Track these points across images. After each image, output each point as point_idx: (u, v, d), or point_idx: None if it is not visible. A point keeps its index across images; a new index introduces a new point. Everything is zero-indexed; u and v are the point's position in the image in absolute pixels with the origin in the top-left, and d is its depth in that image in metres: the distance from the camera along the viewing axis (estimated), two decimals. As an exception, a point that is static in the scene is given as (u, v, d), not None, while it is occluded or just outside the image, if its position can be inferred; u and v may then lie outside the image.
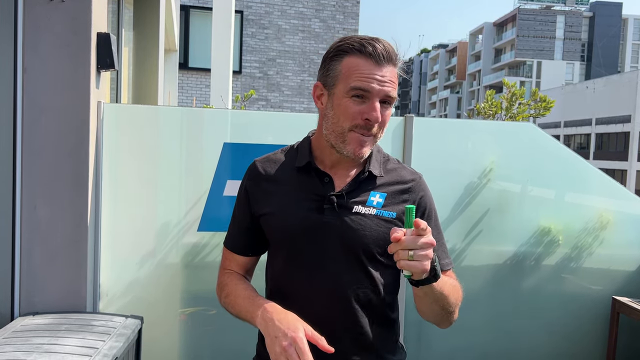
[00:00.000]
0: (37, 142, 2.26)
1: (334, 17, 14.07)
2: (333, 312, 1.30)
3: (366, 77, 1.24)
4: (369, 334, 1.34)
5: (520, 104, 5.54)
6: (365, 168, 1.34)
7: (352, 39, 1.28)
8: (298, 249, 1.32)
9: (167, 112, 2.95)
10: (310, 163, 1.34)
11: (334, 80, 1.28)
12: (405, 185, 1.36)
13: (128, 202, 2.62)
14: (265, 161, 1.41)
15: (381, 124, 1.28)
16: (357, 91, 1.24)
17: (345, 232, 1.29)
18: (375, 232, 1.30)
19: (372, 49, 1.24)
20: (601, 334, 3.01)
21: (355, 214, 1.30)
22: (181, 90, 11.69)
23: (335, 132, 1.28)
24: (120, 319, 2.26)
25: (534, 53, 65.51)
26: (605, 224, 3.00)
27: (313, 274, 1.31)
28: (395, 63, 1.28)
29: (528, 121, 5.42)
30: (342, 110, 1.26)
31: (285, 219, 1.33)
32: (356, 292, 1.31)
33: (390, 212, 1.32)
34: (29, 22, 2.23)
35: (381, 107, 1.26)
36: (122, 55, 3.93)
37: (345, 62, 1.26)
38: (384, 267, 1.34)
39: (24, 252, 2.28)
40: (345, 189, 1.31)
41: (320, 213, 1.30)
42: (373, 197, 1.32)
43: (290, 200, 1.33)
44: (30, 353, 1.85)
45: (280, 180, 1.36)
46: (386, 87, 1.25)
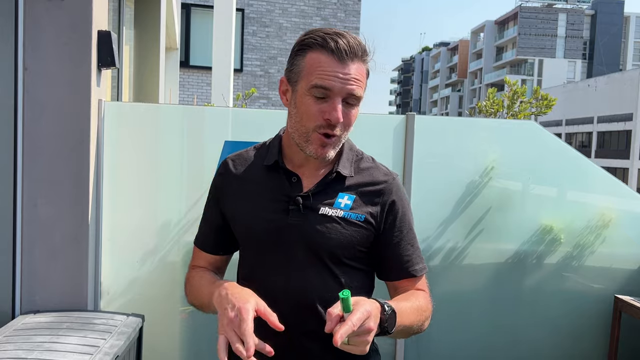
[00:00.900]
0: (38, 141, 2.26)
1: (335, 15, 14.06)
2: (299, 316, 1.25)
3: (328, 75, 1.17)
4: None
5: (522, 102, 5.53)
6: (334, 168, 1.28)
7: (316, 32, 1.21)
8: (263, 251, 1.29)
9: (168, 110, 2.95)
10: (278, 162, 1.30)
11: (297, 76, 1.23)
12: (376, 186, 1.30)
13: (129, 201, 2.61)
14: (237, 159, 1.38)
15: (345, 125, 1.22)
16: (318, 89, 1.18)
17: (309, 235, 1.25)
18: (342, 235, 1.25)
19: (335, 45, 1.17)
20: (603, 332, 3.00)
21: (321, 216, 1.25)
22: (182, 89, 11.69)
23: (299, 132, 1.24)
24: (121, 317, 2.26)
25: (536, 51, 65.40)
26: (607, 222, 2.99)
27: (277, 276, 1.26)
28: (362, 59, 1.21)
29: (530, 119, 5.41)
30: (304, 109, 1.21)
31: (250, 220, 1.29)
32: (322, 297, 1.25)
33: (358, 214, 1.26)
34: (29, 20, 2.22)
35: (345, 107, 1.20)
36: (123, 53, 3.93)
37: (308, 57, 1.20)
38: (353, 270, 1.29)
39: (25, 250, 2.28)
40: (312, 190, 1.27)
41: (286, 214, 1.26)
42: (341, 198, 1.27)
43: (257, 201, 1.30)
44: (31, 351, 1.85)
45: (249, 179, 1.33)
46: (349, 85, 1.18)
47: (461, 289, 2.98)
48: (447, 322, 2.94)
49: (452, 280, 2.96)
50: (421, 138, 2.78)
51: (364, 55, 1.21)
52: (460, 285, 2.98)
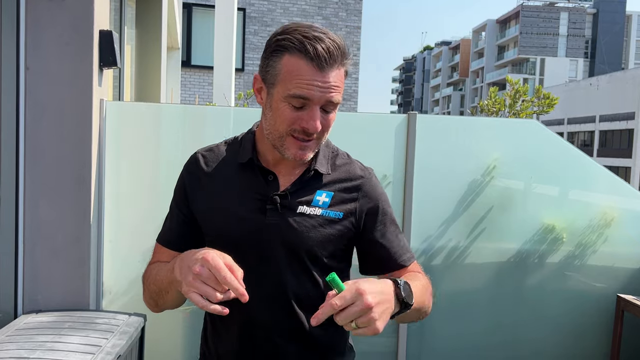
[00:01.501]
0: (40, 140, 2.26)
1: (337, 15, 14.05)
2: (276, 315, 1.25)
3: (306, 84, 1.12)
4: (315, 337, 1.29)
5: (524, 101, 5.52)
6: (312, 166, 1.26)
7: (293, 33, 1.14)
8: (239, 251, 1.21)
9: (169, 109, 2.95)
10: (253, 160, 1.26)
11: (273, 78, 1.17)
12: (353, 182, 1.29)
13: (130, 200, 2.62)
14: (207, 153, 1.33)
15: (324, 129, 1.19)
16: (296, 99, 1.14)
17: (288, 234, 1.23)
18: (320, 234, 1.24)
19: (314, 51, 1.11)
20: (605, 332, 3.00)
21: (299, 215, 1.23)
22: (184, 88, 11.69)
23: (273, 135, 1.20)
24: (123, 316, 2.26)
25: (537, 50, 65.31)
26: (610, 222, 2.98)
27: (254, 276, 1.21)
28: (341, 63, 1.16)
29: (531, 118, 5.40)
30: (280, 114, 1.16)
31: (225, 219, 1.25)
32: (299, 296, 1.25)
33: (336, 212, 1.25)
34: (31, 20, 2.22)
35: (323, 112, 1.17)
36: (125, 53, 3.93)
37: (285, 61, 1.14)
38: (329, 269, 1.24)
39: (27, 250, 2.29)
40: (290, 189, 1.24)
41: (263, 214, 1.23)
42: (319, 196, 1.25)
43: (231, 200, 1.25)
44: (33, 351, 1.85)
45: (222, 176, 1.28)
46: (329, 93, 1.14)
47: (463, 288, 2.98)
48: (449, 320, 2.94)
49: (454, 280, 2.96)
50: (423, 137, 2.78)
51: (343, 58, 1.16)
52: (462, 284, 2.98)
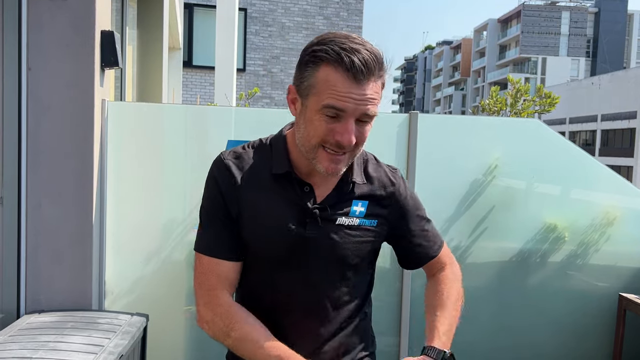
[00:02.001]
0: (42, 141, 2.27)
1: (338, 15, 14.05)
2: (316, 321, 1.28)
3: (342, 96, 1.10)
4: (352, 335, 1.35)
5: (525, 100, 5.51)
6: (348, 177, 1.26)
7: (330, 44, 1.12)
8: (279, 261, 1.25)
9: (171, 109, 2.95)
10: (290, 173, 1.24)
11: (307, 90, 1.15)
12: (385, 190, 1.32)
13: (133, 200, 2.62)
14: (237, 160, 1.27)
15: (358, 142, 1.17)
16: (331, 110, 1.12)
17: (329, 246, 1.24)
18: (359, 243, 1.28)
19: (350, 63, 1.09)
20: (608, 331, 3.00)
21: (338, 226, 1.25)
22: (185, 89, 11.70)
23: (306, 147, 1.18)
24: (125, 316, 2.27)
25: (539, 49, 65.24)
26: (612, 221, 2.98)
27: (294, 285, 1.26)
28: (378, 75, 1.13)
29: (533, 118, 5.40)
30: (313, 125, 1.15)
31: (265, 230, 1.23)
32: (338, 301, 1.29)
33: (372, 220, 1.29)
34: (32, 21, 2.23)
35: (359, 124, 1.15)
36: (126, 53, 3.94)
37: (320, 72, 1.12)
38: (362, 272, 1.34)
39: (30, 250, 2.29)
40: (328, 201, 1.25)
41: (303, 226, 1.23)
42: (355, 206, 1.27)
43: (269, 211, 1.23)
44: (36, 351, 1.85)
45: (255, 185, 1.24)
46: (364, 106, 1.12)
47: (465, 287, 2.96)
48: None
49: (455, 279, 2.96)
50: (424, 137, 2.78)
51: (380, 70, 1.14)
52: (464, 284, 2.95)
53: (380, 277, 2.85)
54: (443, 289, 1.37)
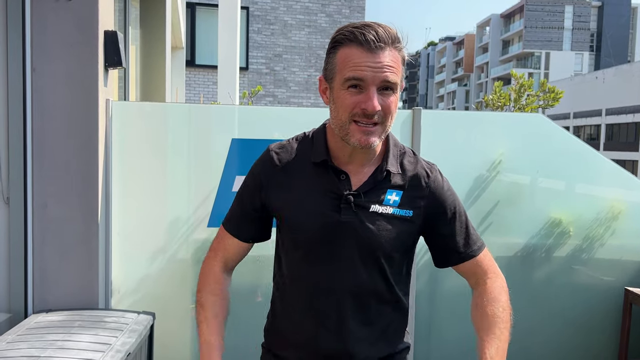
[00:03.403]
0: (47, 141, 2.28)
1: (340, 12, 14.03)
2: (348, 307, 1.31)
3: (359, 66, 1.19)
4: (384, 325, 1.36)
5: (529, 95, 5.49)
6: (383, 166, 1.31)
7: (346, 28, 1.23)
8: (315, 247, 1.31)
9: (174, 109, 2.96)
10: (327, 161, 1.30)
11: (332, 73, 1.25)
12: (422, 181, 1.34)
13: (138, 199, 2.63)
14: (281, 151, 1.36)
15: (385, 112, 1.22)
16: (352, 81, 1.20)
17: (362, 232, 1.28)
18: (392, 231, 1.30)
19: (363, 37, 1.18)
20: (614, 325, 2.99)
21: (372, 214, 1.28)
22: (188, 88, 11.72)
23: (338, 125, 1.25)
24: (132, 315, 2.28)
25: (542, 44, 64.96)
26: (617, 215, 2.97)
27: (329, 271, 1.31)
28: (394, 46, 1.21)
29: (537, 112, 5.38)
30: (340, 102, 1.22)
31: (302, 216, 1.31)
32: (371, 289, 1.32)
33: (406, 210, 1.31)
34: (36, 22, 2.24)
35: (382, 94, 1.21)
36: (130, 53, 3.95)
37: (340, 53, 1.22)
38: (397, 262, 1.35)
39: (36, 250, 2.31)
40: (362, 189, 1.29)
41: (337, 212, 1.28)
42: (390, 195, 1.30)
43: (307, 197, 1.31)
44: (44, 349, 1.87)
45: (296, 173, 1.33)
46: (382, 73, 1.19)
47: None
48: (456, 316, 2.94)
49: (460, 276, 2.95)
50: (428, 133, 2.78)
51: (395, 42, 1.21)
52: (469, 280, 2.97)
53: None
54: (486, 306, 1.37)
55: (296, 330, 1.36)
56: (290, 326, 1.37)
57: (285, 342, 1.38)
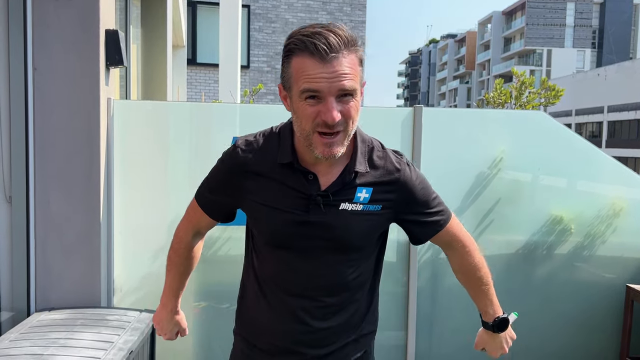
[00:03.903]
0: (49, 140, 2.29)
1: (341, 9, 14.02)
2: (319, 299, 1.36)
3: (313, 78, 1.18)
4: (353, 311, 1.42)
5: (530, 92, 5.48)
6: (350, 166, 1.31)
7: (295, 36, 1.21)
8: (285, 246, 1.34)
9: (176, 107, 2.96)
10: (293, 163, 1.31)
11: (288, 82, 1.24)
12: (391, 176, 1.36)
13: (139, 197, 2.64)
14: (248, 148, 1.36)
15: (346, 118, 1.22)
16: (308, 93, 1.19)
17: (332, 231, 1.31)
18: (361, 227, 1.33)
19: (314, 47, 1.17)
20: (615, 322, 2.99)
21: (342, 212, 1.31)
22: (190, 86, 11.73)
23: (302, 135, 1.25)
24: (134, 313, 2.29)
25: (544, 41, 64.81)
26: (618, 212, 2.97)
27: (300, 267, 1.34)
28: (348, 49, 1.20)
29: (538, 110, 5.37)
30: (301, 113, 1.22)
31: (271, 216, 1.33)
32: (342, 281, 1.37)
33: (376, 205, 1.33)
34: (37, 21, 2.24)
35: (342, 101, 1.20)
36: (131, 52, 3.95)
37: (293, 63, 1.21)
38: (368, 253, 1.40)
39: (39, 248, 2.31)
40: (331, 189, 1.30)
41: (306, 212, 1.30)
42: (359, 192, 1.32)
43: (275, 196, 1.32)
44: (47, 347, 1.88)
45: (264, 172, 1.33)
46: (338, 82, 1.18)
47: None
48: (457, 313, 2.95)
49: (462, 272, 2.96)
50: (429, 130, 2.78)
51: (348, 46, 1.20)
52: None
53: (387, 271, 2.86)
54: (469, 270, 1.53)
55: (266, 321, 1.40)
56: (262, 317, 1.41)
57: (257, 332, 1.43)
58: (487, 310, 1.57)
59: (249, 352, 1.45)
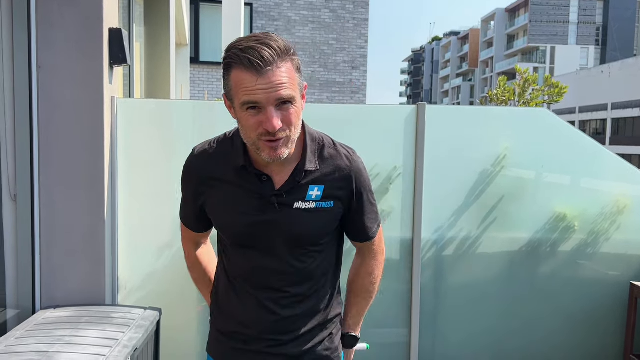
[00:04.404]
0: (53, 138, 2.29)
1: (344, 7, 14.00)
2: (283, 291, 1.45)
3: (251, 91, 1.25)
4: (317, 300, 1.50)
5: (534, 90, 5.48)
6: (301, 166, 1.39)
7: (232, 50, 1.28)
8: (244, 246, 1.44)
9: (179, 106, 2.97)
10: (246, 167, 1.39)
11: (230, 95, 1.32)
12: (341, 173, 1.43)
13: (143, 195, 2.64)
14: (203, 155, 1.47)
15: (287, 125, 1.29)
16: (248, 104, 1.27)
17: (287, 228, 1.39)
18: (316, 223, 1.41)
19: (248, 61, 1.24)
20: (619, 319, 2.99)
21: (296, 210, 1.39)
22: (193, 85, 11.74)
23: (249, 143, 1.34)
24: (139, 310, 2.30)
25: (548, 38, 64.59)
26: (622, 209, 2.97)
27: (262, 264, 1.43)
28: (281, 60, 1.26)
29: (542, 107, 5.37)
30: (244, 123, 1.31)
31: (228, 218, 1.42)
32: (303, 273, 1.45)
33: (328, 202, 1.41)
34: (41, 19, 2.25)
35: (281, 109, 1.28)
36: (134, 50, 3.96)
37: (232, 76, 1.29)
38: (325, 246, 1.47)
39: (44, 247, 2.32)
40: (284, 188, 1.38)
41: (262, 212, 1.39)
42: (312, 191, 1.40)
43: (232, 199, 1.41)
44: (52, 345, 1.89)
45: (220, 176, 1.42)
46: (275, 92, 1.25)
47: (475, 277, 2.98)
48: (461, 310, 2.95)
49: (465, 270, 2.96)
50: (432, 128, 2.78)
51: (282, 55, 1.26)
52: (474, 274, 2.98)
53: (390, 267, 2.87)
54: (360, 277, 1.60)
55: (237, 313, 1.49)
56: (233, 309, 1.51)
57: (228, 323, 1.52)
58: (349, 322, 1.63)
59: (224, 339, 1.54)
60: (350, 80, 14.44)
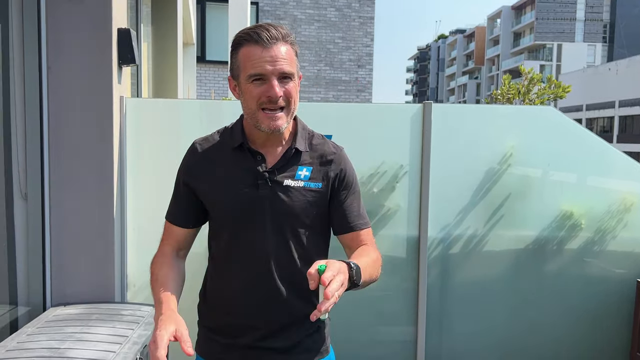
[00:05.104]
0: (63, 138, 2.32)
1: (350, 5, 14.00)
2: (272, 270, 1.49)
3: (258, 62, 1.39)
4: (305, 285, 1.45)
5: (539, 89, 5.47)
6: (292, 146, 1.51)
7: (242, 31, 1.44)
8: (237, 220, 1.50)
9: (187, 105, 2.99)
10: (243, 144, 1.50)
11: (237, 71, 1.45)
12: (328, 157, 1.54)
13: (152, 194, 2.67)
14: (204, 142, 1.58)
15: (287, 97, 1.42)
16: (255, 77, 1.40)
17: (278, 204, 1.48)
18: (304, 202, 1.49)
19: (257, 36, 1.40)
20: (626, 317, 2.99)
21: (285, 187, 1.48)
22: (199, 84, 11.77)
23: (249, 115, 1.46)
24: (148, 308, 2.32)
25: (554, 36, 64.24)
26: (629, 207, 2.97)
27: (251, 241, 1.49)
28: (285, 40, 1.42)
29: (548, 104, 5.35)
30: (248, 94, 1.43)
31: (224, 194, 1.50)
32: (290, 252, 1.50)
33: (316, 183, 1.51)
34: (51, 21, 2.28)
35: (282, 82, 1.42)
36: (142, 50, 3.98)
37: (240, 53, 1.43)
38: (311, 226, 1.52)
39: (54, 245, 2.35)
40: (276, 166, 1.49)
41: (256, 188, 1.48)
42: (300, 171, 1.50)
43: (227, 178, 1.50)
44: (63, 341, 1.91)
45: (218, 159, 1.53)
46: (279, 65, 1.40)
47: (482, 275, 2.99)
48: (468, 308, 2.96)
49: (472, 267, 2.97)
50: (438, 126, 2.78)
51: (285, 37, 1.43)
52: (481, 272, 2.99)
53: (396, 266, 2.89)
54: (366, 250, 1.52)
55: (225, 298, 1.54)
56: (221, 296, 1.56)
57: (216, 316, 1.57)
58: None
59: (213, 335, 1.58)
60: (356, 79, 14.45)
